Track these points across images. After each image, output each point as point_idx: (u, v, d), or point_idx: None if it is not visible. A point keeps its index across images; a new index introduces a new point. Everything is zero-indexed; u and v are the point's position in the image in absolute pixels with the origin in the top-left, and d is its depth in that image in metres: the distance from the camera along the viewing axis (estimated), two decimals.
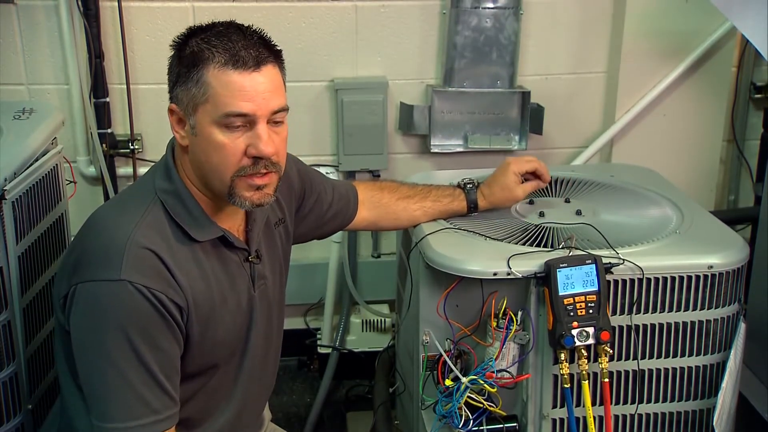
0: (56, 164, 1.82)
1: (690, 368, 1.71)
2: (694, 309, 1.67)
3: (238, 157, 1.33)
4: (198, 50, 1.32)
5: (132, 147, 2.45)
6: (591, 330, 1.59)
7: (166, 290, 1.31)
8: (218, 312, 1.41)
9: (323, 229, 1.75)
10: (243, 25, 1.37)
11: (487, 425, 1.66)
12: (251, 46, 1.32)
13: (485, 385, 1.62)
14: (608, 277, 1.62)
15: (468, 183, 1.85)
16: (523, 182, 1.85)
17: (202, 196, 1.40)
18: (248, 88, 1.31)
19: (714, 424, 1.69)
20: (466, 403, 1.63)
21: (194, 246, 1.38)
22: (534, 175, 1.86)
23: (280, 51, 1.38)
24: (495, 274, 1.61)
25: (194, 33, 1.36)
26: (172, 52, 1.37)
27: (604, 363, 1.61)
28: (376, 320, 2.70)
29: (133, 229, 1.31)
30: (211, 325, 1.40)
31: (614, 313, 1.65)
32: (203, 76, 1.31)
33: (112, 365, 1.27)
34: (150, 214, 1.35)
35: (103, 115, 2.41)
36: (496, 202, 1.85)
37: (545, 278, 1.60)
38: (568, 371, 1.61)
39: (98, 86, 2.38)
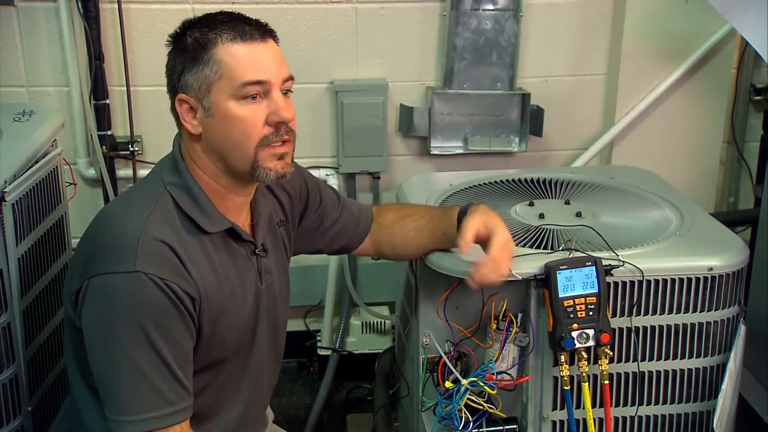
0: (56, 166, 1.82)
1: (690, 370, 1.71)
2: (694, 311, 1.67)
3: (259, 128, 1.36)
4: (200, 35, 1.35)
5: (132, 149, 2.45)
6: (591, 332, 1.59)
7: (179, 281, 1.31)
8: (227, 304, 1.42)
9: (328, 245, 1.72)
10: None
11: (487, 427, 1.66)
12: (252, 23, 1.38)
13: (485, 387, 1.62)
14: (608, 279, 1.62)
15: (475, 202, 1.66)
16: None
17: (211, 189, 1.41)
18: (260, 56, 1.35)
19: (714, 426, 1.69)
20: (466, 405, 1.63)
21: (203, 238, 1.39)
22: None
23: (275, 32, 1.42)
24: None
25: (190, 25, 1.39)
26: (170, 48, 1.39)
27: (604, 365, 1.61)
28: (376, 322, 2.70)
29: (144, 221, 1.32)
30: (221, 317, 1.41)
31: (614, 315, 1.65)
32: (214, 55, 1.34)
33: (127, 357, 1.28)
34: (160, 207, 1.36)
35: (103, 117, 2.41)
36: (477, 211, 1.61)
37: (545, 280, 1.60)
38: (568, 373, 1.61)
39: (98, 88, 2.38)
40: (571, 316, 1.59)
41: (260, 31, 1.37)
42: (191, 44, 1.36)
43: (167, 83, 1.41)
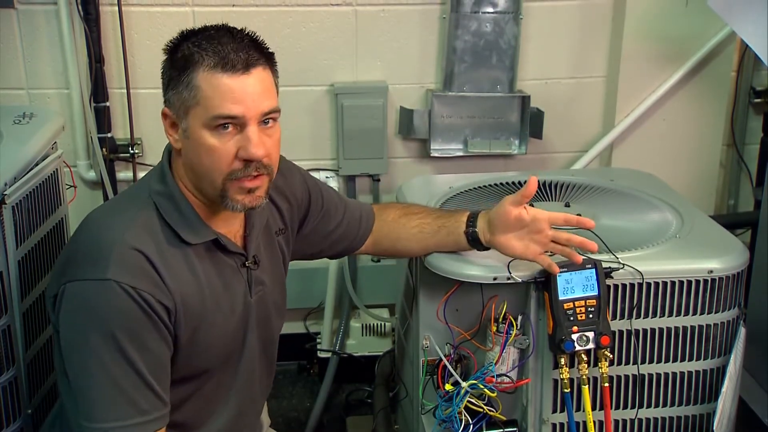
0: (56, 169, 1.82)
1: (690, 373, 1.71)
2: (694, 313, 1.67)
3: (228, 160, 1.33)
4: (188, 54, 1.33)
5: (132, 151, 2.45)
6: (591, 334, 1.59)
7: (153, 291, 1.30)
8: (210, 316, 1.41)
9: (330, 247, 1.72)
10: (235, 28, 1.37)
11: (487, 430, 1.66)
12: (241, 49, 1.33)
13: (485, 389, 1.62)
14: (608, 281, 1.62)
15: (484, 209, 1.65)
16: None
17: (196, 200, 1.40)
18: (237, 90, 1.31)
19: (714, 428, 1.69)
20: (466, 408, 1.63)
21: (186, 249, 1.38)
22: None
23: (272, 53, 1.39)
24: (495, 279, 1.61)
25: (186, 37, 1.37)
26: (165, 56, 1.38)
27: (604, 368, 1.61)
28: (375, 324, 2.70)
29: (123, 229, 1.32)
30: (202, 328, 1.40)
31: (614, 317, 1.65)
32: (193, 79, 1.31)
33: (98, 365, 1.27)
34: (142, 216, 1.36)
35: (103, 119, 2.41)
36: (494, 218, 1.59)
37: (545, 283, 1.60)
38: (568, 376, 1.61)
39: (98, 90, 2.38)
40: (571, 318, 1.58)
41: (246, 60, 1.31)
42: (179, 60, 1.34)
43: (162, 82, 1.40)
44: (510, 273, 1.60)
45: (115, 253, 1.29)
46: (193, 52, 1.32)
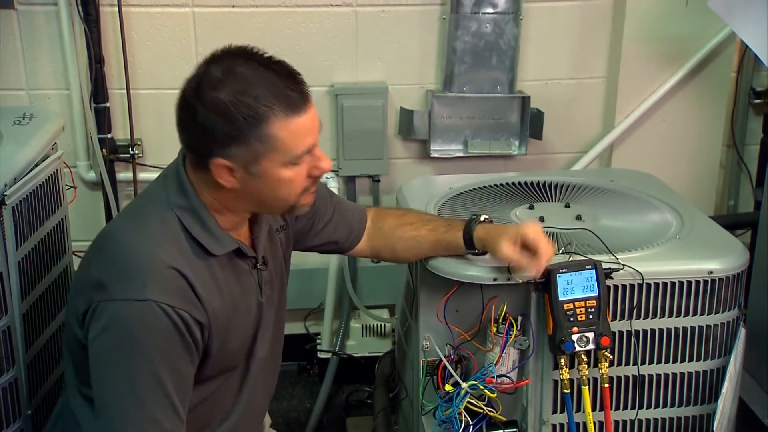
0: (56, 169, 1.82)
1: (690, 374, 1.71)
2: (694, 314, 1.67)
3: (302, 181, 1.39)
4: (246, 109, 1.28)
5: (132, 152, 2.45)
6: (591, 335, 1.59)
7: (189, 309, 1.32)
8: (233, 321, 1.43)
9: (320, 246, 1.73)
10: (258, 55, 1.34)
11: (487, 430, 1.66)
12: (292, 83, 1.34)
13: (485, 390, 1.62)
14: (608, 282, 1.62)
15: (476, 216, 1.65)
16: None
17: (216, 211, 1.40)
18: (308, 124, 1.35)
19: (714, 429, 1.69)
20: (466, 409, 1.63)
21: (210, 260, 1.39)
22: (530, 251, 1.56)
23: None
24: (495, 280, 1.61)
25: (216, 85, 1.29)
26: (202, 111, 1.30)
27: (604, 368, 1.61)
28: (375, 325, 2.70)
29: (155, 246, 1.32)
30: (228, 335, 1.42)
31: (614, 318, 1.65)
32: (266, 131, 1.30)
33: (129, 384, 1.28)
34: (169, 231, 1.36)
35: (103, 120, 2.41)
36: (486, 236, 1.61)
37: (545, 283, 1.60)
38: (568, 376, 1.61)
39: (98, 91, 2.38)
40: (571, 319, 1.58)
41: (302, 93, 1.34)
42: (236, 118, 1.28)
43: (195, 135, 1.33)
44: (510, 274, 1.60)
45: (152, 271, 1.29)
46: (252, 105, 1.29)
